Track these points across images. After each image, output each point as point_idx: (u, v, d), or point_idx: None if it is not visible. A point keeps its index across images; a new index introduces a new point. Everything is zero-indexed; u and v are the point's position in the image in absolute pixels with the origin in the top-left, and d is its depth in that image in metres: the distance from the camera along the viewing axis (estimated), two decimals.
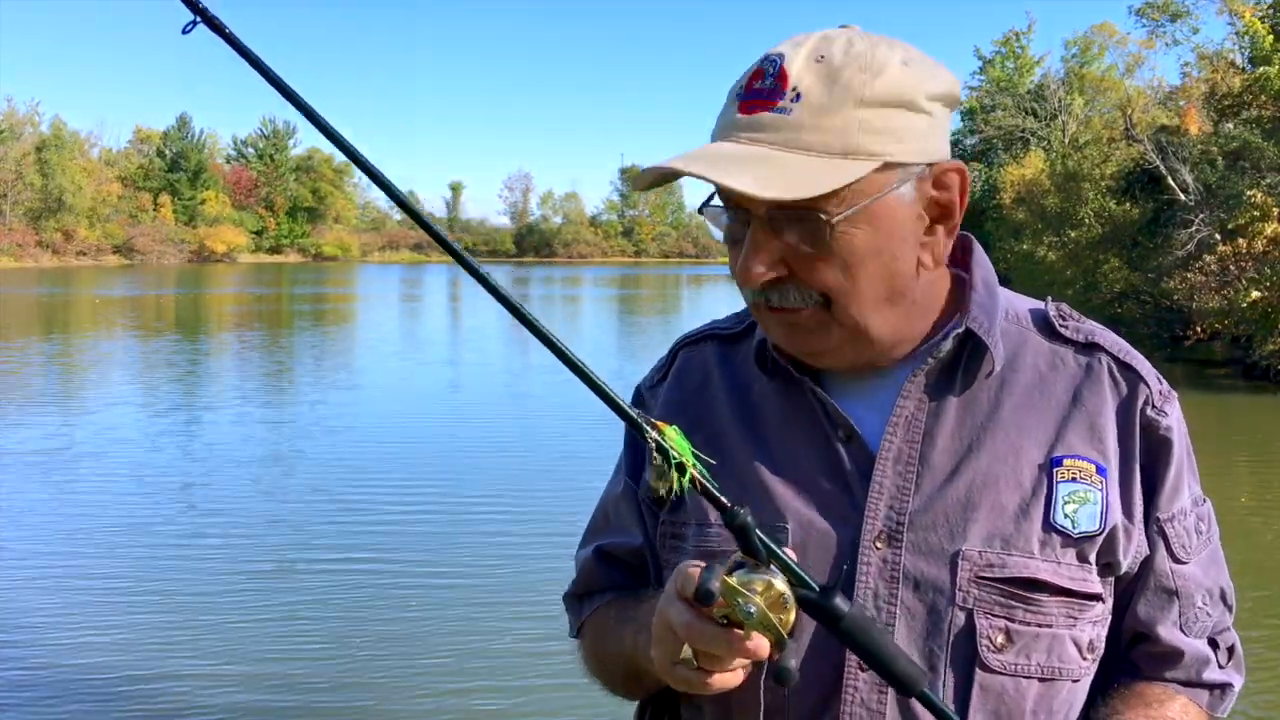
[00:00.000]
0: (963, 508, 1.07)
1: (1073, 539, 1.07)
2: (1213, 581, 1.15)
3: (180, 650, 5.31)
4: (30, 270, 62.05)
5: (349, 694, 4.89)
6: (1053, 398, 1.11)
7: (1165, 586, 1.12)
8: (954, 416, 1.11)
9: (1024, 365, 1.13)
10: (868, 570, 1.07)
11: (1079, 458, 1.08)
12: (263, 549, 7.09)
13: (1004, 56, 49.10)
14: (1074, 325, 1.15)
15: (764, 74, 1.01)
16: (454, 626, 5.69)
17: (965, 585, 1.05)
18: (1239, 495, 8.75)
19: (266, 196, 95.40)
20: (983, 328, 1.10)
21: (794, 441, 1.15)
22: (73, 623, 5.68)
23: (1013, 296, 1.19)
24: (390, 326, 28.92)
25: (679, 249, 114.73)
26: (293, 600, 6.08)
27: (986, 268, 1.17)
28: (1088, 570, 1.07)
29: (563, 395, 13.08)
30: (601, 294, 48.23)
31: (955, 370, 1.12)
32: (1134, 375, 1.12)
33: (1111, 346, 1.14)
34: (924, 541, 1.07)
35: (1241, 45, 23.91)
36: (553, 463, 9.98)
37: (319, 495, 8.63)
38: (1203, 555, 1.14)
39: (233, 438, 11.23)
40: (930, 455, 1.10)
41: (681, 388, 1.26)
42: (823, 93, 0.98)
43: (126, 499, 8.43)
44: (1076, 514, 1.07)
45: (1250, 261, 17.57)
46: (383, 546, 7.16)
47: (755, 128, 1.00)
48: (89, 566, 6.67)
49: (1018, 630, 1.05)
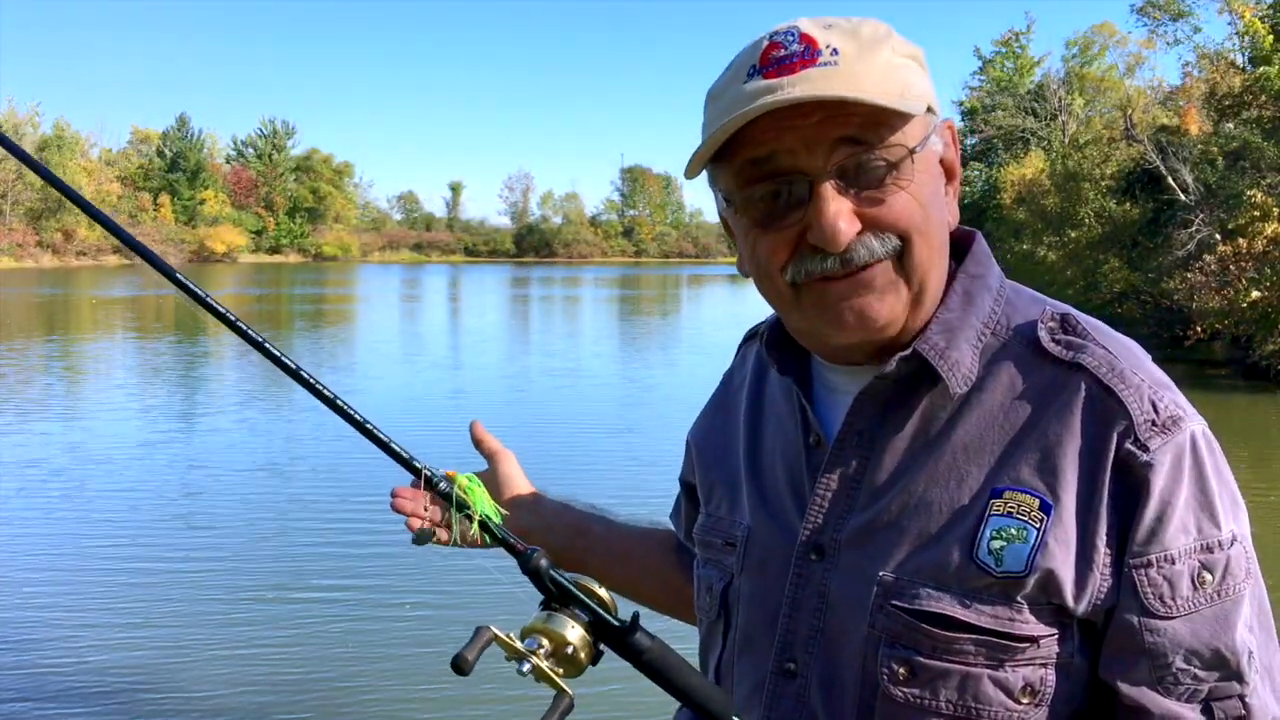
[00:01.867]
0: (890, 531, 1.03)
1: (994, 577, 0.97)
2: (1205, 642, 0.96)
3: (179, 653, 5.30)
4: (30, 270, 62.03)
5: (349, 696, 4.89)
6: (1015, 422, 1.01)
7: (1132, 641, 0.97)
8: (908, 434, 1.06)
9: (996, 385, 1.04)
10: (797, 582, 1.07)
11: (1023, 490, 0.98)
12: (262, 552, 7.08)
13: (1004, 56, 49.07)
14: (1066, 342, 1.03)
15: (781, 45, 0.98)
16: (454, 631, 5.69)
17: (874, 612, 1.01)
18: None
19: (266, 196, 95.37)
20: (936, 350, 1.03)
21: (782, 442, 1.16)
22: (71, 625, 5.67)
23: (1018, 300, 1.10)
24: (390, 328, 28.91)
25: (679, 249, 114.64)
26: (293, 600, 6.08)
27: (975, 274, 1.10)
28: (1016, 610, 0.97)
29: (564, 397, 13.08)
30: (602, 294, 48.23)
31: (918, 386, 1.06)
32: (1114, 402, 0.98)
33: (1096, 367, 1.00)
34: (850, 561, 1.05)
35: (1242, 45, 23.91)
36: (552, 463, 9.98)
37: (318, 497, 8.63)
38: (1202, 612, 0.96)
39: (228, 444, 11.23)
40: (873, 473, 1.06)
41: (726, 388, 1.32)
42: (857, 48, 0.98)
43: (126, 502, 8.43)
44: (1002, 551, 0.97)
45: (1250, 261, 17.56)
46: (381, 552, 7.15)
47: (804, 82, 0.95)
48: (82, 572, 6.66)
49: (923, 664, 0.99)
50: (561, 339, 25.59)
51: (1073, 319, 1.06)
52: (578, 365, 18.88)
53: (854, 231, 0.98)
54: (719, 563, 1.18)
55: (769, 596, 1.10)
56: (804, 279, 1.01)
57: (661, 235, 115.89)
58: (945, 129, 1.07)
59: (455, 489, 1.00)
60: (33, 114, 79.13)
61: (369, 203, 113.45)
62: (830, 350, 1.10)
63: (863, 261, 0.99)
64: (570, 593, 0.97)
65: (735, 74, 1.01)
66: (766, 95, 0.95)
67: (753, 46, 1.01)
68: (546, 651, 0.95)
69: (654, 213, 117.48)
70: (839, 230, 0.97)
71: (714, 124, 0.99)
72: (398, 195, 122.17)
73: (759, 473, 1.17)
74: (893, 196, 0.99)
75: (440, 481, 1.01)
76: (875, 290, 1.00)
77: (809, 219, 0.98)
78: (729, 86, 1.01)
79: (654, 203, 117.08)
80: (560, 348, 22.64)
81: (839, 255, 0.99)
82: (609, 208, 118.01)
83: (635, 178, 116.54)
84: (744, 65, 1.00)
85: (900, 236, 1.00)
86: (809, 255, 1.00)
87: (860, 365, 1.10)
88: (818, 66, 0.96)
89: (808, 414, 1.12)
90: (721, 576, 1.17)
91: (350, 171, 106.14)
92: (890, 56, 0.99)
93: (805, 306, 1.04)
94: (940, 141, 1.05)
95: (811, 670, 1.06)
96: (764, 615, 1.10)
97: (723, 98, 1.01)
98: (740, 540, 1.15)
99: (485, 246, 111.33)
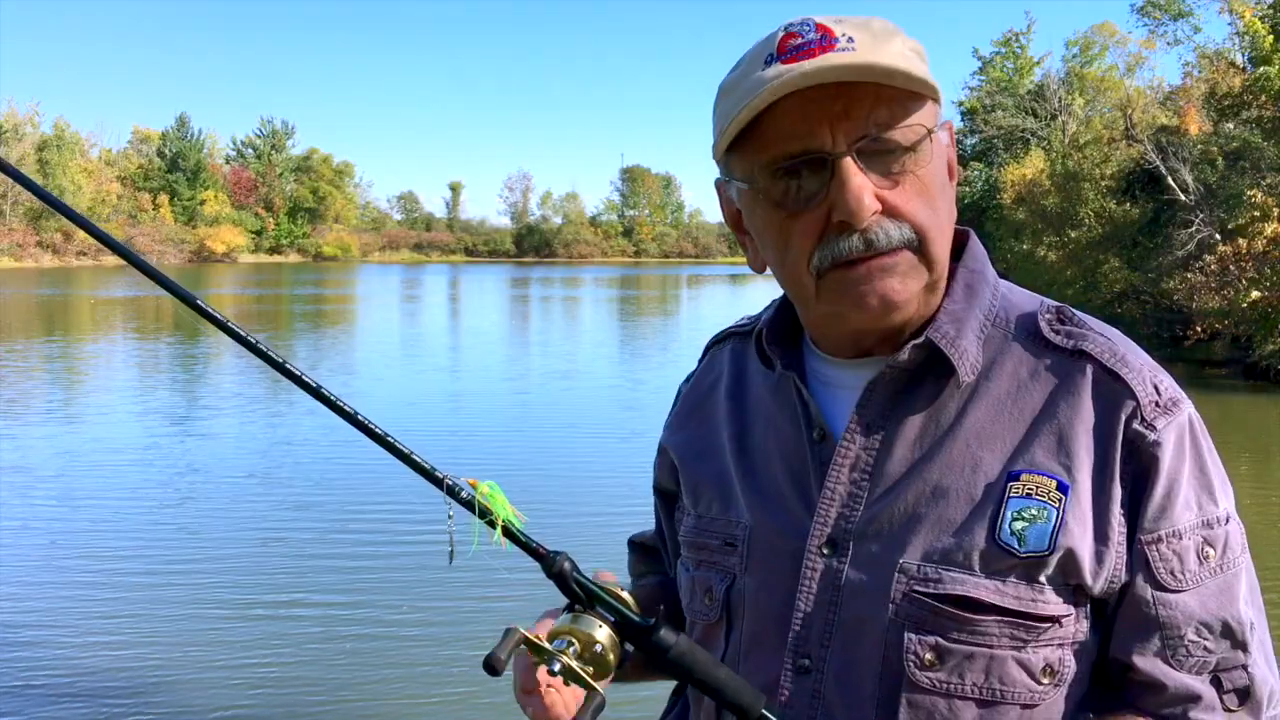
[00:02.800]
0: (908, 519, 1.05)
1: (1018, 558, 1.00)
2: (1214, 614, 1.02)
3: (179, 654, 5.30)
4: (30, 270, 62.05)
5: (348, 700, 4.89)
6: (1025, 408, 1.05)
7: (1145, 615, 1.02)
8: (917, 424, 1.08)
9: (1002, 374, 1.07)
10: (811, 576, 1.07)
11: (1039, 473, 1.02)
12: (261, 555, 7.08)
13: (1004, 57, 49.04)
14: (1066, 331, 1.08)
15: (798, 34, 0.99)
16: (454, 633, 5.68)
17: (898, 599, 1.03)
18: (1239, 495, 8.73)
19: (265, 197, 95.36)
20: (947, 338, 1.06)
21: (773, 437, 1.16)
22: (71, 628, 5.67)
23: (1013, 296, 1.15)
24: (390, 329, 28.90)
25: (679, 249, 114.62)
26: (291, 603, 6.08)
27: (974, 269, 1.13)
28: (1038, 591, 1.01)
29: (565, 400, 13.08)
30: (602, 295, 48.22)
31: (925, 377, 1.08)
32: (1120, 385, 1.03)
33: (1100, 353, 1.05)
34: (867, 552, 1.05)
35: (1242, 45, 23.91)
36: (554, 465, 9.97)
37: (316, 501, 8.62)
38: (1207, 584, 1.02)
39: (227, 447, 11.23)
40: (886, 464, 1.07)
41: (698, 389, 1.31)
42: (871, 38, 0.99)
43: (126, 503, 8.43)
44: (1025, 532, 1.01)
45: (1250, 261, 17.57)
46: (380, 555, 7.15)
47: (826, 63, 0.96)
48: (81, 574, 6.65)
49: (949, 649, 1.01)
50: (562, 339, 25.59)
51: (1068, 311, 1.11)
52: (578, 366, 18.88)
53: (876, 208, 1.00)
54: (718, 564, 1.17)
55: (777, 594, 1.10)
56: (829, 265, 1.02)
57: (661, 235, 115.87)
58: (947, 128, 1.09)
59: (478, 496, 1.01)
60: (32, 114, 79.20)
61: (369, 203, 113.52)
62: (844, 337, 1.11)
63: (884, 245, 1.01)
64: (596, 594, 0.98)
65: (751, 64, 1.02)
66: (791, 76, 0.96)
67: (767, 39, 1.03)
68: (575, 651, 0.96)
69: (654, 213, 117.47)
70: (863, 203, 0.98)
71: (735, 107, 1.00)
72: (398, 195, 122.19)
73: (752, 471, 1.17)
74: (909, 182, 1.01)
75: (463, 490, 1.01)
76: (897, 274, 1.02)
77: (833, 197, 0.99)
78: (747, 75, 1.02)
79: (654, 203, 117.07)
80: (561, 349, 22.64)
81: (862, 235, 1.00)
82: (609, 208, 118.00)
83: (635, 178, 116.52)
84: (760, 55, 1.02)
85: (916, 229, 1.02)
86: (834, 238, 1.01)
87: (861, 359, 1.11)
88: (836, 51, 0.97)
89: (810, 408, 1.12)
90: (723, 578, 1.16)
91: (350, 171, 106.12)
92: (901, 47, 1.01)
93: (827, 292, 1.04)
94: (946, 136, 1.07)
95: (827, 665, 1.06)
96: (773, 613, 1.10)
97: (741, 86, 1.02)
98: (741, 539, 1.14)
99: (485, 246, 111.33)
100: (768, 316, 1.20)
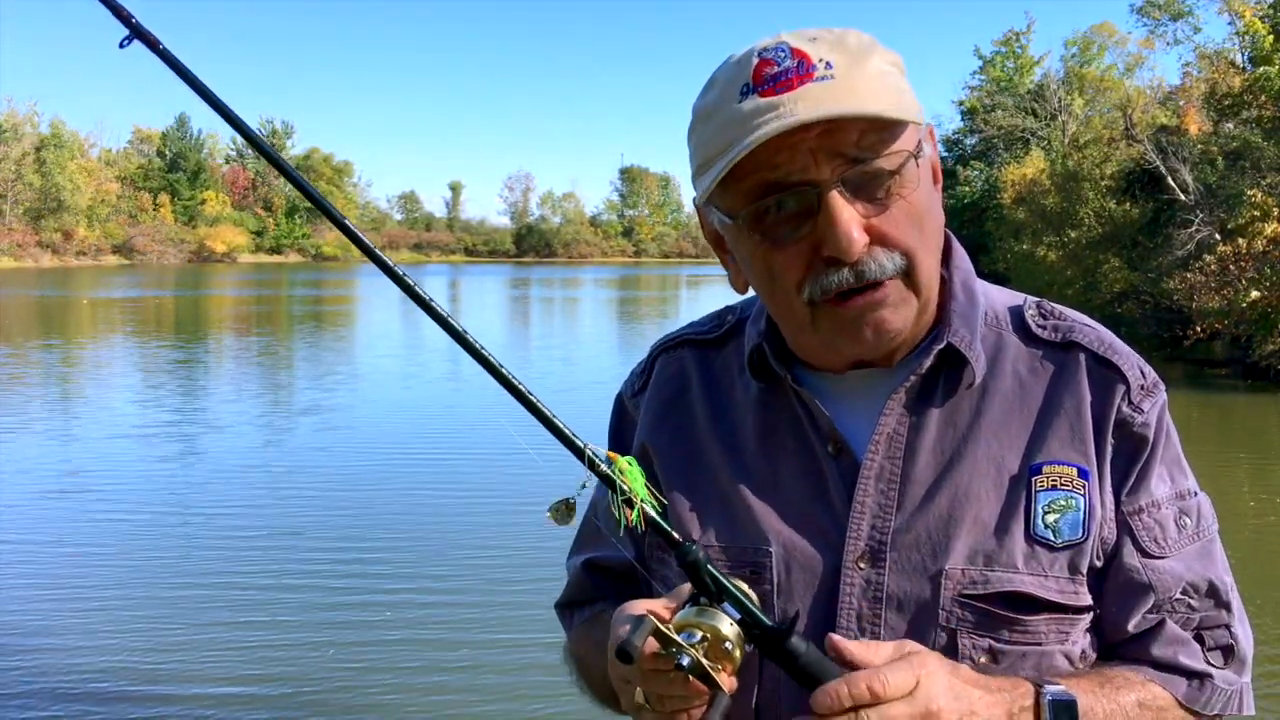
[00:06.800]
0: (945, 524, 1.05)
1: (1056, 549, 1.04)
2: (1198, 575, 1.08)
3: (178, 655, 5.30)
4: (30, 270, 62.03)
5: (350, 698, 4.88)
6: (1033, 403, 1.08)
7: (1135, 580, 1.06)
8: (936, 430, 1.08)
9: (1004, 371, 1.10)
10: (850, 591, 1.06)
11: (1059, 463, 1.05)
12: (261, 555, 7.08)
13: (1004, 56, 49.08)
14: (1052, 324, 1.12)
15: (774, 62, 0.97)
16: (457, 636, 5.68)
17: (948, 605, 1.03)
18: (1239, 495, 8.74)
19: (265, 197, 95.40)
20: (964, 341, 1.08)
21: (776, 455, 1.13)
22: (70, 629, 5.67)
23: (991, 294, 1.16)
24: (391, 330, 28.88)
25: (679, 249, 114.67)
26: (290, 604, 6.07)
27: (964, 269, 1.14)
28: (1079, 583, 1.04)
29: (565, 399, 13.06)
30: (602, 294, 48.20)
31: (936, 382, 1.09)
32: (1112, 371, 1.09)
33: (1090, 343, 1.11)
34: (907, 560, 1.05)
35: (1242, 45, 23.91)
36: (554, 466, 9.97)
37: (316, 501, 8.62)
38: (1187, 550, 1.08)
39: (226, 448, 11.22)
40: (912, 471, 1.07)
41: (660, 397, 1.24)
42: (848, 59, 0.98)
43: (125, 504, 8.42)
44: (1058, 523, 1.04)
45: (1250, 261, 17.55)
46: (381, 554, 7.15)
47: (805, 99, 0.95)
48: (82, 576, 6.65)
49: (1003, 650, 1.03)
50: (562, 340, 25.58)
51: (1046, 305, 1.16)
52: (579, 366, 18.88)
53: (865, 241, 0.99)
54: None
55: (816, 613, 1.08)
56: (821, 297, 1.01)
57: (661, 235, 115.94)
58: (928, 133, 1.08)
59: (615, 471, 0.96)
60: (32, 113, 79.17)
61: (369, 203, 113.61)
62: (840, 359, 1.11)
63: (875, 276, 1.00)
64: (727, 589, 0.94)
65: (725, 92, 1.00)
66: (770, 114, 0.95)
67: (739, 63, 1.00)
68: (705, 647, 0.91)
69: (653, 213, 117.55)
70: (853, 239, 0.98)
71: (713, 144, 0.99)
72: (398, 195, 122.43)
73: (762, 491, 1.12)
74: (896, 207, 1.00)
75: (602, 463, 0.98)
76: (889, 305, 1.03)
77: (820, 231, 0.99)
78: (722, 106, 1.00)
79: (653, 203, 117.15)
80: (561, 350, 22.63)
81: (853, 267, 0.99)
82: (608, 208, 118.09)
83: (634, 178, 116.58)
84: (734, 82, 0.99)
85: (905, 254, 1.01)
86: (823, 270, 1.00)
87: (857, 370, 1.11)
88: (815, 81, 0.96)
89: (821, 423, 1.10)
90: None
91: (350, 171, 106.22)
92: (880, 64, 0.99)
93: (821, 327, 1.05)
94: (928, 146, 1.07)
95: None
96: (813, 633, 1.06)
97: (717, 117, 1.00)
98: (768, 565, 1.10)
99: (485, 246, 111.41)
100: (763, 330, 1.15)
